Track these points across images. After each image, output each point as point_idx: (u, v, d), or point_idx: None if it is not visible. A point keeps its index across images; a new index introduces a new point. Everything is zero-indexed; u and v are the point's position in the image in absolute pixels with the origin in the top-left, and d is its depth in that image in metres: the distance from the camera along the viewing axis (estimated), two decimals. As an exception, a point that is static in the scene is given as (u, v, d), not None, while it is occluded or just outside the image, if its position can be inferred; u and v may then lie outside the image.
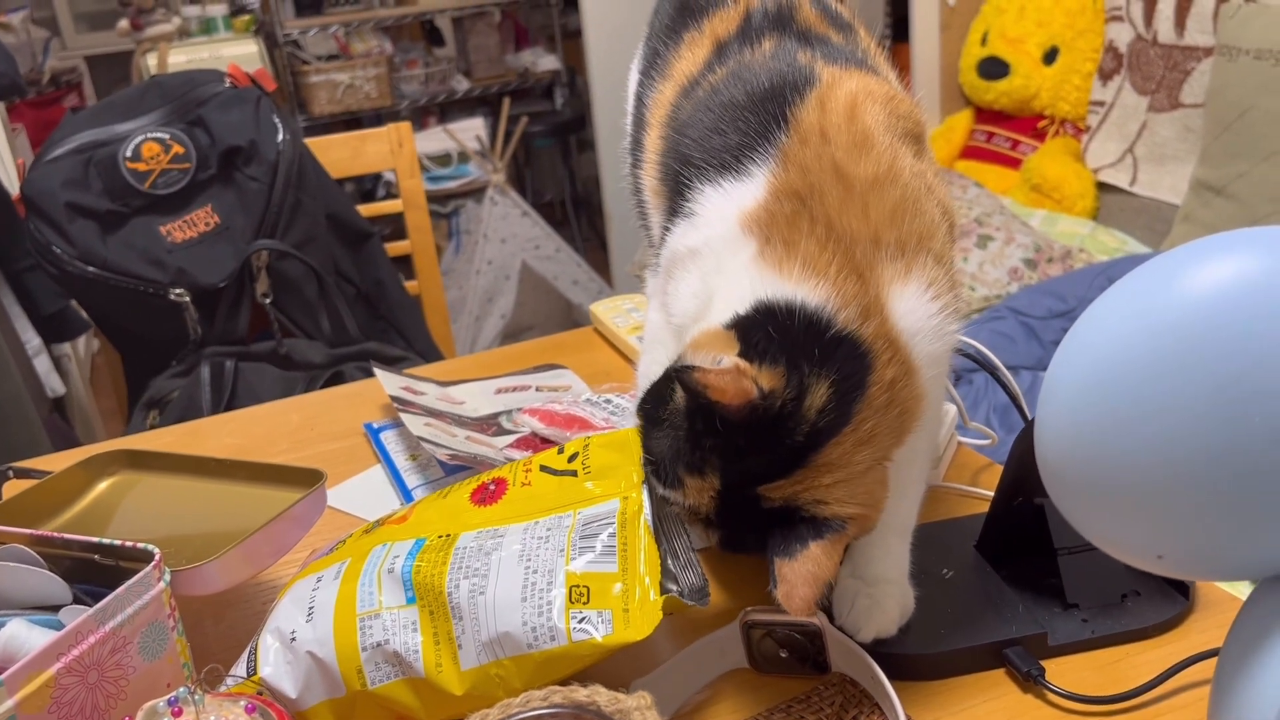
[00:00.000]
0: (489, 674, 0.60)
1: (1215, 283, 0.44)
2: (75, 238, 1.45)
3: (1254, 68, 2.00)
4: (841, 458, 0.58)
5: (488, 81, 4.04)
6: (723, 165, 0.65)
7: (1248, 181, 2.01)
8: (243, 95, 1.56)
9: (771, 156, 0.64)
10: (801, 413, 0.57)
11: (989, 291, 2.17)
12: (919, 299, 0.61)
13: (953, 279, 0.63)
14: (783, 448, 0.58)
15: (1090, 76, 2.53)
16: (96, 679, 0.56)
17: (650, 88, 0.80)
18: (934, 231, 0.63)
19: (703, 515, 0.62)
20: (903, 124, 0.66)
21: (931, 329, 0.61)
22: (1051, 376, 0.49)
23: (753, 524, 0.60)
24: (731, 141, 0.66)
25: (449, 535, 0.66)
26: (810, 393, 0.58)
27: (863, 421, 0.58)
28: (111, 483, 0.82)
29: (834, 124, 0.64)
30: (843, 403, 0.58)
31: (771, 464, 0.59)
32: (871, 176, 0.62)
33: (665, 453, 0.62)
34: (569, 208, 4.31)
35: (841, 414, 0.58)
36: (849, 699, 0.65)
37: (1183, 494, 0.43)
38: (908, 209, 0.62)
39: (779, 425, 0.58)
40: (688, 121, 0.71)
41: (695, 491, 0.61)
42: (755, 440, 0.58)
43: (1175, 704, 0.63)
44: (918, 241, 0.62)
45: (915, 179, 0.63)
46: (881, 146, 0.63)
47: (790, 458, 0.58)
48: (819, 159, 0.62)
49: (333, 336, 1.58)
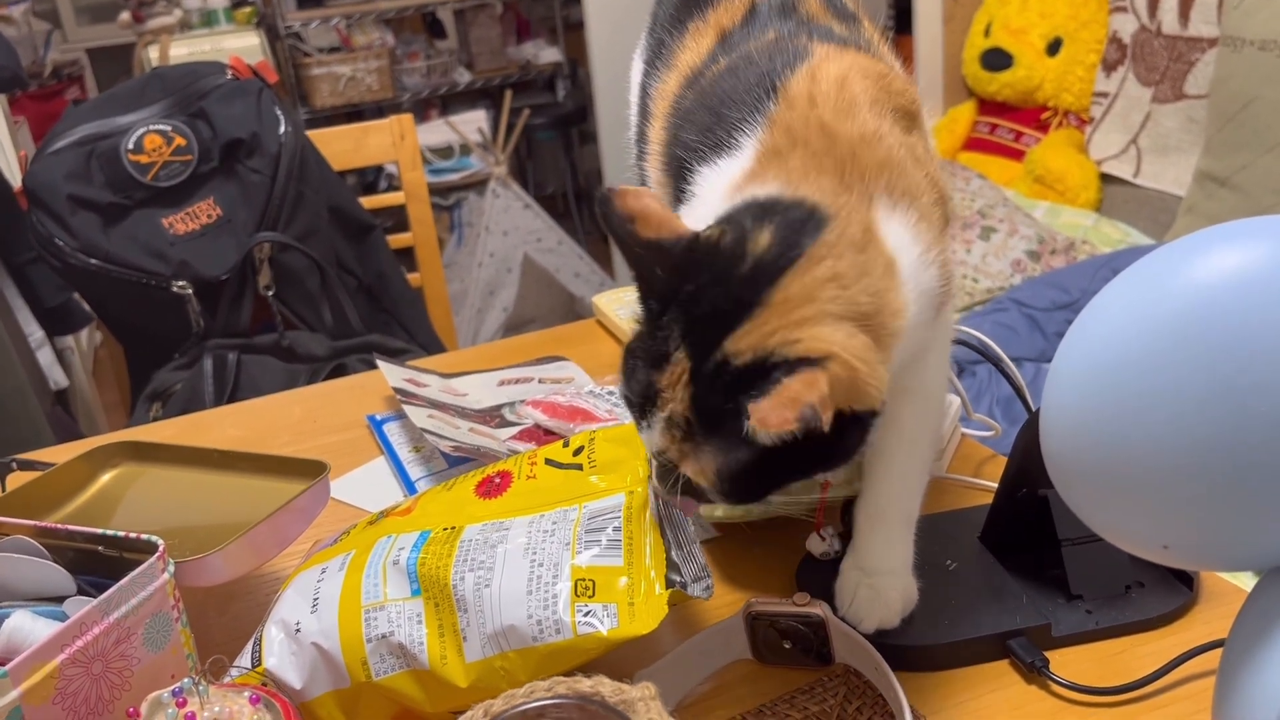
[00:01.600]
0: (494, 667, 0.60)
1: (1221, 272, 0.44)
2: (77, 230, 1.45)
3: (1258, 58, 1.99)
4: (805, 291, 0.55)
5: (489, 74, 4.03)
6: (718, 145, 0.65)
7: (1252, 173, 2.00)
8: (244, 87, 1.56)
9: (760, 126, 0.63)
10: (746, 248, 0.55)
11: (992, 283, 2.16)
12: (902, 231, 0.59)
13: (939, 238, 0.62)
14: (735, 284, 0.55)
15: (1094, 68, 2.53)
16: (101, 670, 0.56)
17: (654, 79, 0.79)
18: (920, 193, 0.62)
19: (681, 422, 0.56)
20: (894, 100, 0.65)
21: (914, 257, 0.59)
22: (1057, 366, 0.49)
23: (730, 405, 0.54)
24: (728, 120, 0.65)
25: (454, 528, 0.66)
26: (753, 233, 0.56)
27: (820, 259, 0.55)
28: (115, 475, 0.82)
29: (823, 91, 0.63)
30: (793, 237, 0.55)
31: (729, 306, 0.55)
32: (858, 134, 0.61)
33: (639, 376, 0.58)
34: (571, 200, 4.31)
35: (792, 246, 0.55)
36: (852, 690, 0.65)
37: (1190, 484, 0.43)
38: (895, 167, 0.61)
39: (723, 260, 0.56)
40: (690, 111, 0.71)
41: (670, 389, 0.56)
42: (706, 284, 0.55)
43: (1179, 695, 0.63)
44: (904, 193, 0.60)
45: (903, 148, 0.62)
46: (868, 113, 0.62)
47: (746, 293, 0.55)
48: (805, 120, 0.62)
49: (335, 329, 1.58)
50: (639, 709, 0.49)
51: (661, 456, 0.59)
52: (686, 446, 0.57)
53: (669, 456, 0.58)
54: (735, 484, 0.57)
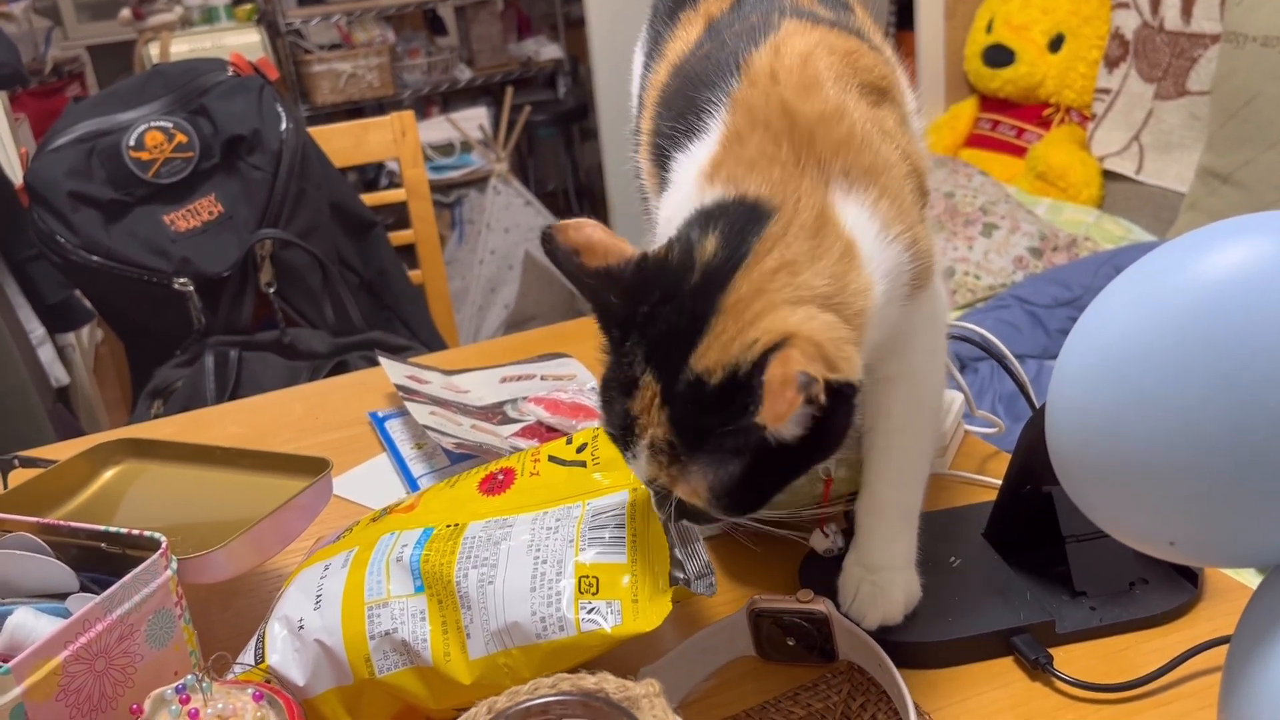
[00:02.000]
0: (497, 663, 0.60)
1: (1226, 268, 0.43)
2: (79, 227, 1.45)
3: (1261, 54, 1.99)
4: (754, 288, 0.54)
5: (490, 70, 4.03)
6: (690, 130, 0.65)
7: (1254, 169, 2.00)
8: (245, 84, 1.56)
9: (725, 106, 0.62)
10: (694, 260, 0.55)
11: (994, 280, 2.16)
12: (860, 210, 0.58)
13: (905, 215, 0.60)
14: (686, 298, 0.54)
15: (1096, 64, 2.52)
16: (104, 666, 0.56)
17: (649, 71, 0.80)
18: (885, 168, 0.60)
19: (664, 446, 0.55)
20: (862, 75, 0.64)
21: (874, 235, 0.58)
22: (1063, 362, 0.49)
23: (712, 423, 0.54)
24: (698, 104, 0.65)
25: (457, 525, 0.66)
26: (699, 243, 0.55)
27: (766, 252, 0.54)
28: (117, 472, 0.82)
29: (786, 66, 0.62)
30: (737, 238, 0.55)
31: (685, 320, 0.54)
32: (818, 113, 0.60)
33: (614, 408, 0.57)
34: (572, 197, 4.30)
35: (739, 247, 0.55)
36: (856, 687, 0.65)
37: (1196, 480, 0.43)
38: (855, 144, 0.60)
39: (673, 277, 0.55)
40: (670, 98, 0.71)
41: (645, 415, 0.55)
42: (659, 302, 0.55)
43: (1183, 692, 0.63)
44: (865, 172, 0.59)
45: (868, 122, 0.61)
46: (831, 89, 0.61)
47: (699, 304, 0.54)
48: (766, 98, 0.61)
49: (336, 326, 1.58)
50: (643, 705, 0.49)
51: (653, 484, 0.58)
52: (674, 470, 0.56)
53: (660, 483, 0.57)
54: (731, 498, 0.56)
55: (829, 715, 0.64)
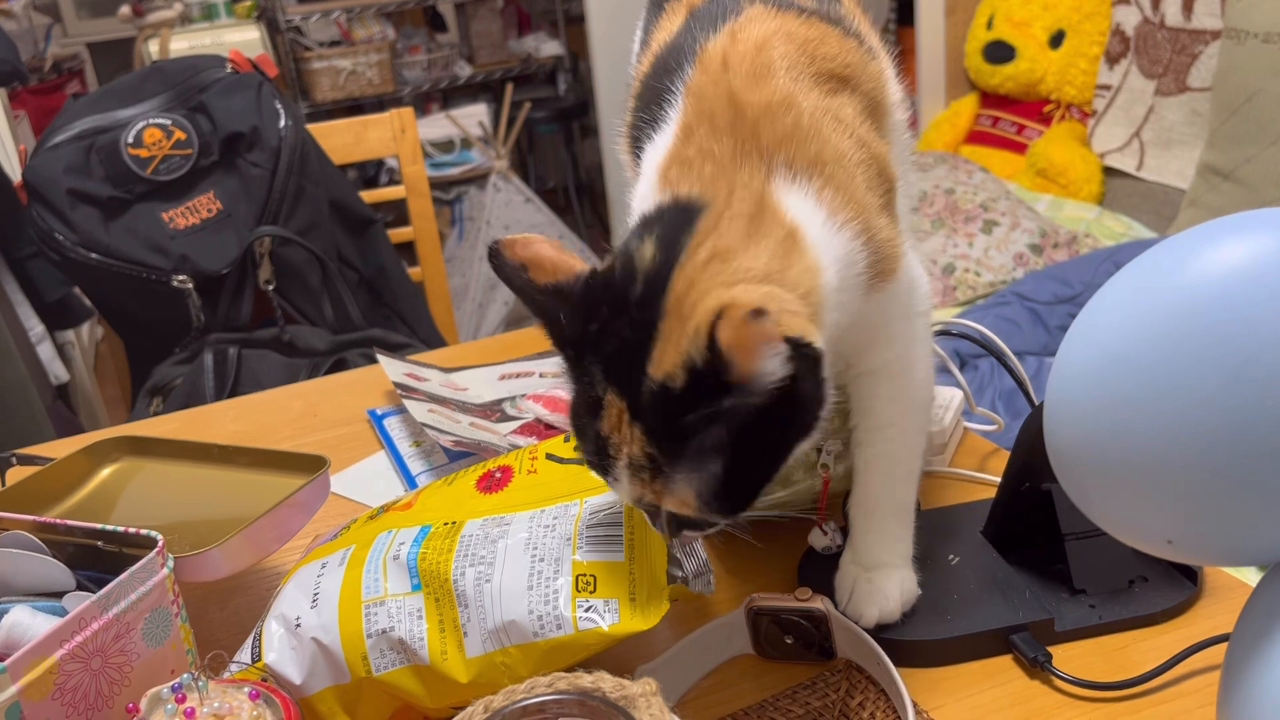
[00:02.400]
0: (494, 662, 0.60)
1: (1227, 264, 0.43)
2: (77, 224, 1.45)
3: (1262, 50, 1.98)
4: (689, 282, 0.53)
5: (490, 67, 4.02)
6: (654, 120, 0.64)
7: (1256, 165, 1.99)
8: (244, 81, 1.55)
9: (681, 95, 0.62)
10: (635, 269, 0.54)
11: (994, 277, 2.16)
12: (803, 199, 0.57)
13: (855, 202, 0.59)
14: (633, 309, 0.53)
15: (1097, 60, 2.52)
16: (100, 665, 0.56)
17: (638, 63, 0.79)
18: (835, 159, 0.59)
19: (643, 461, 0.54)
20: (820, 64, 0.62)
21: (820, 223, 0.57)
22: (1062, 359, 0.48)
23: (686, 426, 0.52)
24: (661, 94, 0.64)
25: (455, 522, 0.65)
26: (639, 251, 0.54)
27: (698, 246, 0.54)
28: (114, 469, 0.82)
29: (739, 53, 0.61)
30: (672, 239, 0.54)
31: (636, 334, 0.53)
32: (765, 103, 0.59)
33: (585, 432, 0.56)
34: (572, 194, 4.30)
35: (672, 247, 0.54)
36: (855, 685, 0.65)
37: (1194, 478, 0.42)
38: (801, 135, 0.58)
39: (618, 290, 0.54)
40: (644, 89, 0.70)
41: (616, 433, 0.54)
42: (608, 318, 0.54)
43: (1182, 690, 0.63)
44: (810, 164, 0.58)
45: (820, 112, 0.60)
46: (783, 77, 0.60)
47: (646, 315, 0.53)
48: (716, 85, 0.60)
49: (336, 323, 1.58)
50: (640, 704, 0.49)
51: (640, 503, 0.57)
52: (659, 484, 0.54)
53: (647, 501, 0.56)
54: (721, 499, 0.54)
55: (827, 713, 0.64)
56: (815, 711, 0.64)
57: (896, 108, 0.71)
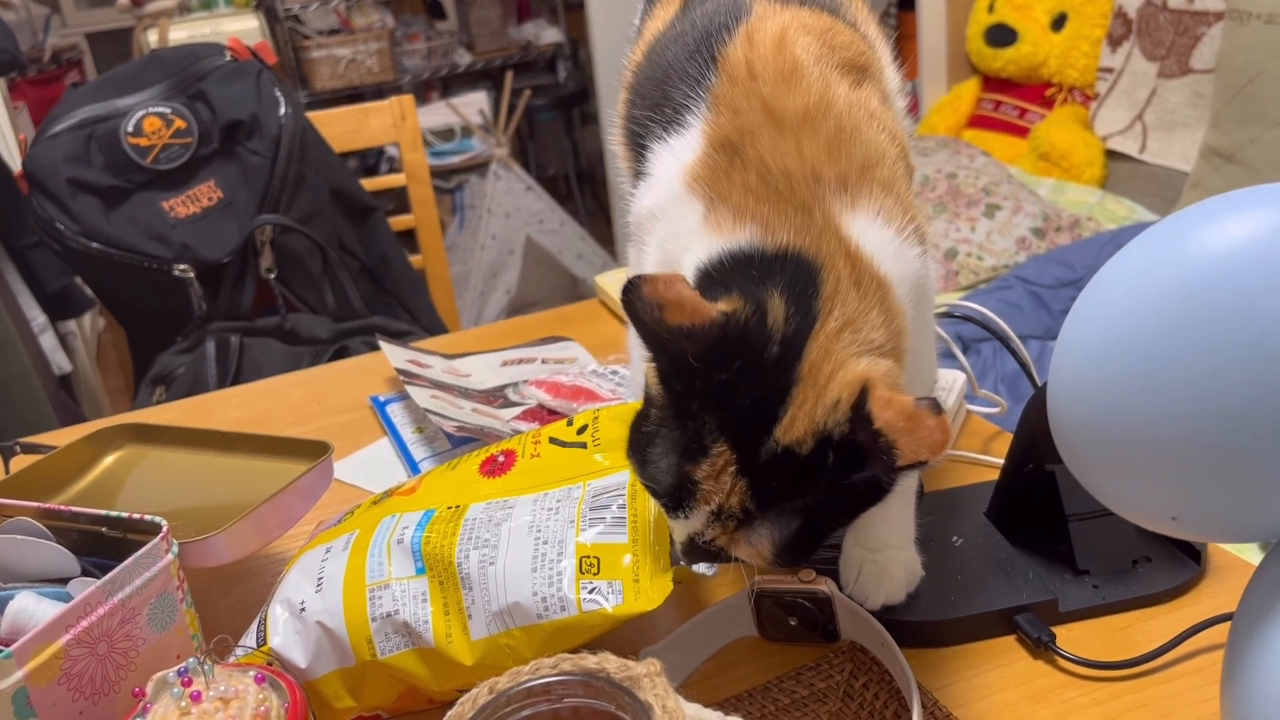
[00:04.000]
0: (499, 644, 0.60)
1: (1229, 241, 0.43)
2: (78, 214, 1.45)
3: (1265, 32, 1.97)
4: (823, 351, 0.54)
5: (490, 55, 4.01)
6: (667, 120, 0.64)
7: (1259, 147, 1.99)
8: (244, 69, 1.55)
9: (704, 103, 0.62)
10: (769, 325, 0.54)
11: (997, 261, 2.15)
12: (871, 224, 0.58)
13: (905, 204, 0.61)
14: (767, 368, 0.54)
15: (1099, 43, 2.51)
16: (106, 650, 0.56)
17: (631, 51, 0.79)
18: (878, 159, 0.60)
19: (736, 512, 0.54)
20: (839, 54, 0.63)
21: (893, 252, 0.58)
22: (1064, 338, 0.48)
23: (799, 488, 0.53)
24: (673, 93, 0.64)
25: (458, 506, 0.65)
26: (768, 304, 0.54)
27: (829, 313, 0.55)
28: (118, 457, 0.82)
29: (761, 57, 0.61)
30: (802, 302, 0.55)
31: (766, 392, 0.53)
32: (801, 110, 0.59)
33: (665, 465, 0.55)
34: (573, 181, 4.29)
35: (806, 313, 0.54)
36: (859, 666, 0.65)
37: (1197, 455, 0.42)
38: (845, 139, 0.59)
39: (753, 345, 0.54)
40: (642, 82, 0.70)
41: (712, 481, 0.54)
42: (737, 371, 0.53)
43: (1186, 669, 0.63)
44: (860, 172, 0.59)
45: (853, 108, 0.61)
46: (811, 77, 0.60)
47: (779, 376, 0.53)
48: (748, 97, 0.60)
49: (337, 311, 1.58)
50: (644, 685, 0.49)
51: (700, 539, 0.56)
52: (739, 534, 0.55)
53: (715, 543, 0.56)
54: (789, 552, 0.56)
55: (831, 695, 0.64)
56: (819, 693, 0.64)
57: (896, 95, 0.71)
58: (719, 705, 0.63)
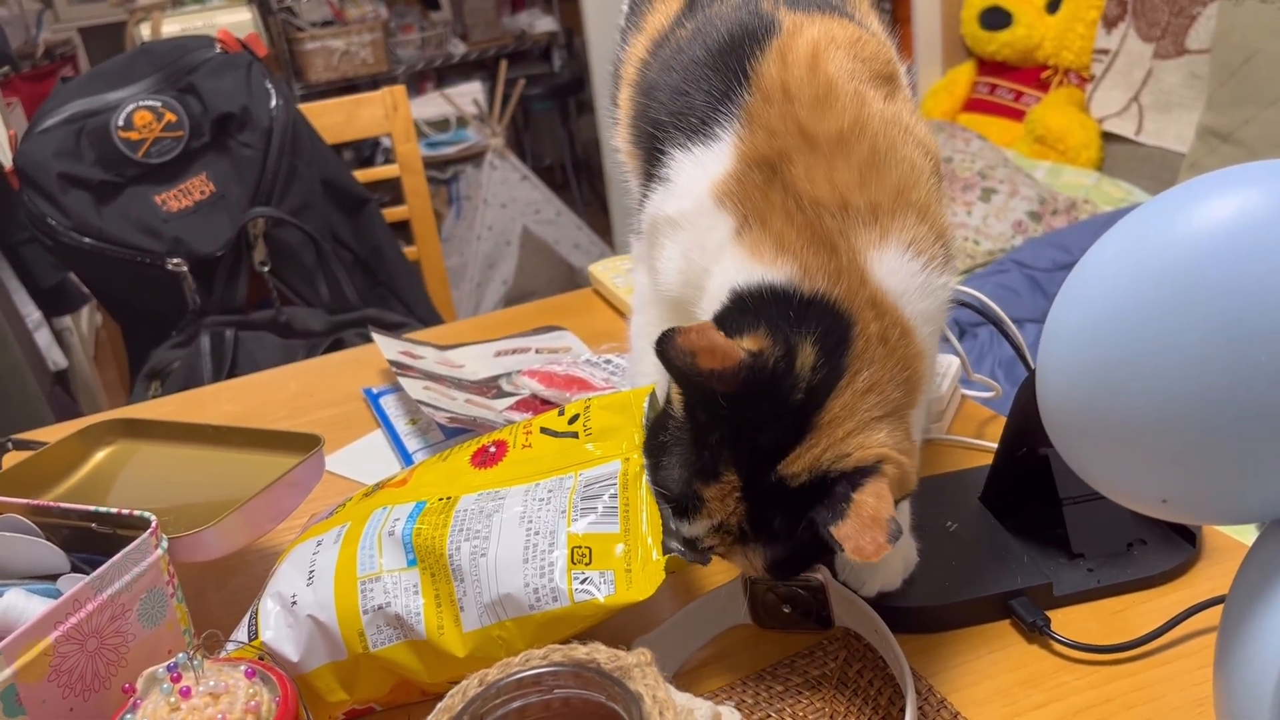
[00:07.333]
0: (491, 635, 0.60)
1: (1218, 220, 0.43)
2: (69, 208, 1.44)
3: (1260, 11, 1.97)
4: (846, 409, 0.57)
5: (484, 45, 4.00)
6: (691, 129, 0.64)
7: (1255, 127, 1.98)
8: (233, 61, 1.54)
9: (736, 118, 0.62)
10: (795, 371, 0.56)
11: (993, 245, 2.15)
12: (899, 260, 0.59)
13: (939, 229, 0.62)
14: (787, 412, 0.56)
15: (1094, 24, 2.49)
16: (96, 646, 0.56)
17: (626, 42, 0.78)
18: (914, 181, 0.61)
19: (734, 529, 0.58)
20: (870, 67, 0.63)
21: (918, 287, 0.60)
22: (1053, 319, 0.48)
23: (787, 518, 0.57)
24: (697, 102, 0.64)
25: (449, 498, 0.65)
26: (799, 351, 0.56)
27: (857, 373, 0.57)
28: (109, 452, 0.82)
29: (796, 77, 0.62)
30: (832, 356, 0.57)
31: (782, 434, 0.56)
32: (836, 132, 0.60)
33: (677, 476, 0.59)
34: (569, 171, 4.28)
35: (834, 367, 0.57)
36: (853, 653, 0.65)
37: (1187, 436, 0.42)
38: (879, 162, 0.60)
39: (778, 388, 0.56)
40: (656, 81, 0.69)
41: (718, 501, 0.58)
42: (759, 411, 0.56)
43: (1181, 651, 0.63)
44: (894, 197, 0.60)
45: (887, 126, 0.61)
46: (846, 96, 0.61)
47: (797, 421, 0.56)
48: (784, 119, 0.61)
49: (332, 304, 1.57)
50: (635, 674, 0.49)
51: (700, 543, 0.60)
52: (736, 546, 0.59)
53: (714, 550, 0.60)
54: (780, 568, 0.60)
55: (825, 682, 0.64)
56: (813, 680, 0.64)
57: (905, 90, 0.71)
58: (713, 693, 0.63)
